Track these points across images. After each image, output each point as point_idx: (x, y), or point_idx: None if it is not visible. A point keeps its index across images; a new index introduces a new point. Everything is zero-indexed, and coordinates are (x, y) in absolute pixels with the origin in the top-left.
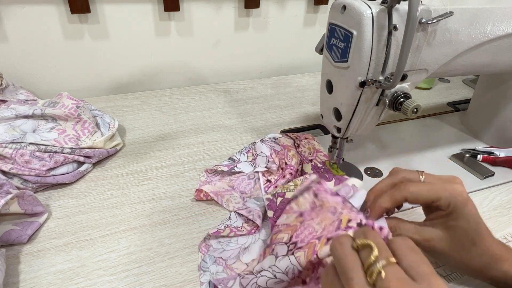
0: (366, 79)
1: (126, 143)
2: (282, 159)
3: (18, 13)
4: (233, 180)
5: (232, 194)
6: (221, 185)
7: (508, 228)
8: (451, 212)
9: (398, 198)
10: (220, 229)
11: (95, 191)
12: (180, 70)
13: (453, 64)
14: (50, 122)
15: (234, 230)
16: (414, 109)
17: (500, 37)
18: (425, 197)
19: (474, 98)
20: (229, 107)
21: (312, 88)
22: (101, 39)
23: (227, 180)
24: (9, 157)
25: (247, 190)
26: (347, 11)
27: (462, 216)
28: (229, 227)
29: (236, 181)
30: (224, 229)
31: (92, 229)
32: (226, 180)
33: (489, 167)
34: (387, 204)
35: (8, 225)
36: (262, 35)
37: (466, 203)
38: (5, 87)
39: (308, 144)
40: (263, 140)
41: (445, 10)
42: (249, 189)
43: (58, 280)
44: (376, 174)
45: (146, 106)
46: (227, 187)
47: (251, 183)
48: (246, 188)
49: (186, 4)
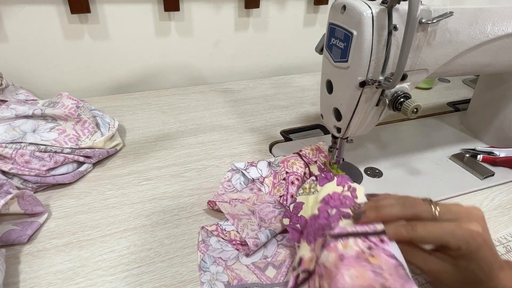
0: (366, 79)
1: (126, 143)
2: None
3: (18, 13)
4: (256, 205)
5: (250, 219)
6: (241, 208)
7: (508, 228)
8: (461, 255)
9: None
10: (207, 225)
11: (95, 191)
12: (180, 70)
13: (453, 64)
14: (50, 122)
15: (220, 231)
16: (414, 109)
17: (500, 37)
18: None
19: (474, 98)
20: (229, 107)
21: (312, 88)
22: (101, 39)
23: (250, 203)
24: (9, 157)
25: (267, 218)
26: (347, 11)
27: (474, 260)
28: (217, 226)
29: (259, 206)
30: (211, 225)
31: (92, 229)
32: (249, 204)
33: (489, 167)
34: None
35: (8, 225)
36: (262, 35)
37: (479, 248)
38: (5, 87)
39: (311, 146)
40: (270, 163)
41: (445, 10)
42: (269, 218)
43: (58, 280)
44: (376, 174)
45: (146, 106)
46: (247, 210)
47: (275, 212)
48: (267, 215)
49: (186, 4)
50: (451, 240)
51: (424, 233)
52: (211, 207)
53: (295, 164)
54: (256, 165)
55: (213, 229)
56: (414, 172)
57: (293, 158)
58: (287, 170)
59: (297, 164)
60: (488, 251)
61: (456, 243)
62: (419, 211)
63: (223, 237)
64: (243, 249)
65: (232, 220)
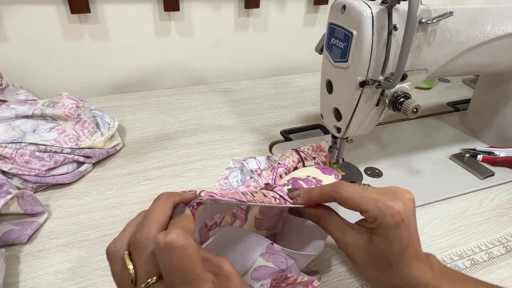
0: (366, 79)
1: (126, 143)
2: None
3: (18, 13)
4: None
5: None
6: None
7: (508, 228)
8: (375, 228)
9: (327, 192)
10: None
11: (95, 191)
12: (180, 70)
13: (453, 64)
14: (50, 122)
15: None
16: (414, 109)
17: (500, 37)
18: (353, 202)
19: (474, 98)
20: (229, 107)
21: (312, 88)
22: (101, 39)
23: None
24: (9, 157)
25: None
26: (347, 11)
27: (387, 238)
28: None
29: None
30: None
31: (92, 229)
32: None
33: (489, 167)
34: (315, 195)
35: (8, 225)
36: (262, 35)
37: (396, 225)
38: (5, 87)
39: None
40: (269, 157)
41: (445, 10)
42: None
43: (58, 280)
44: (376, 174)
45: (146, 106)
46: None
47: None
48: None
49: (186, 4)
50: (370, 208)
51: (348, 192)
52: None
53: (288, 157)
54: (255, 158)
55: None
56: (414, 172)
57: (289, 153)
58: (280, 161)
59: (290, 158)
60: (404, 233)
61: (373, 213)
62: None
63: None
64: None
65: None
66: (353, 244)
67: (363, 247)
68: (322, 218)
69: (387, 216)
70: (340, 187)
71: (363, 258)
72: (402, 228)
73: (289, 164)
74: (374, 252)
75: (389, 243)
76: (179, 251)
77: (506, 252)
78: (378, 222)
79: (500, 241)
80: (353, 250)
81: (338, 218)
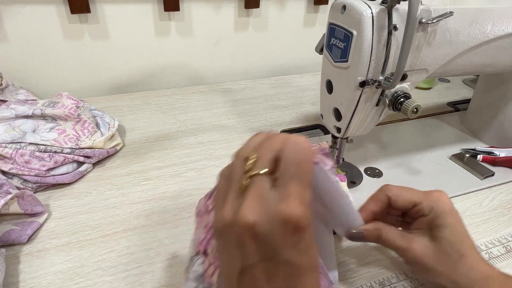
0: (366, 79)
1: (126, 143)
2: None
3: (18, 13)
4: None
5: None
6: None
7: (508, 228)
8: (433, 219)
9: (381, 198)
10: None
11: (95, 191)
12: (180, 70)
13: (453, 64)
14: (50, 122)
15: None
16: (414, 109)
17: (500, 37)
18: (407, 198)
19: (474, 98)
20: (229, 107)
21: (312, 88)
22: (101, 39)
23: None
24: (9, 157)
25: None
26: (347, 11)
27: (447, 226)
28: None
29: None
30: None
31: (92, 229)
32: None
33: (489, 167)
34: (372, 206)
35: (8, 225)
36: (262, 35)
37: (449, 211)
38: (5, 87)
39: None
40: None
41: (445, 10)
42: None
43: (58, 280)
44: (376, 174)
45: (146, 106)
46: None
47: None
48: None
49: (186, 4)
50: (422, 199)
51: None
52: None
53: None
54: None
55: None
56: (414, 172)
57: None
58: None
59: None
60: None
61: (427, 203)
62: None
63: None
64: None
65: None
66: (420, 247)
67: (430, 247)
68: (383, 233)
69: (439, 204)
70: (389, 188)
71: (434, 258)
72: (456, 215)
73: None
74: (443, 246)
75: (451, 231)
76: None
77: (506, 252)
78: (435, 211)
79: (500, 241)
80: (422, 253)
81: (396, 229)
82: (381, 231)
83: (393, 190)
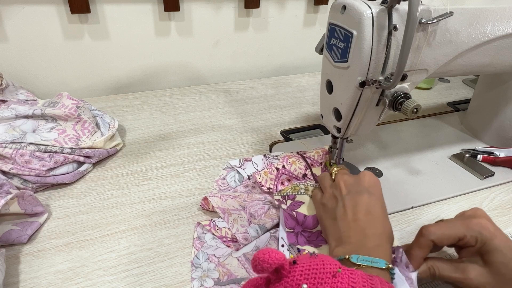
0: (366, 79)
1: (126, 143)
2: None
3: (18, 13)
4: (246, 202)
5: (240, 214)
6: (231, 203)
7: (508, 228)
8: (481, 246)
9: (426, 244)
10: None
11: (95, 191)
12: (180, 70)
13: (453, 64)
14: (50, 122)
15: (212, 227)
16: (414, 109)
17: (500, 37)
18: (450, 235)
19: (474, 98)
20: (229, 107)
21: (312, 88)
22: (101, 39)
23: (241, 199)
24: (9, 157)
25: (257, 214)
26: (347, 11)
27: (496, 250)
28: (211, 221)
29: (250, 203)
30: (205, 220)
31: (92, 229)
32: (240, 200)
33: (489, 167)
34: (420, 253)
35: (8, 225)
36: (262, 35)
37: (493, 236)
38: (5, 87)
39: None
40: (266, 155)
41: (445, 10)
42: (259, 214)
43: (58, 280)
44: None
45: (146, 106)
46: (237, 206)
47: (265, 208)
48: (257, 212)
49: (186, 4)
50: (465, 233)
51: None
52: (205, 207)
53: (295, 163)
54: (251, 160)
55: (206, 223)
56: (414, 172)
57: (295, 157)
58: (284, 164)
59: (298, 164)
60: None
61: (471, 234)
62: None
63: (215, 232)
64: (234, 245)
65: (222, 215)
66: (476, 275)
67: (485, 273)
68: (437, 269)
69: (482, 231)
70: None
71: (492, 283)
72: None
73: (296, 172)
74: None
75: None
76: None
77: None
78: (480, 240)
79: None
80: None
81: (447, 262)
82: (434, 269)
83: (435, 233)
